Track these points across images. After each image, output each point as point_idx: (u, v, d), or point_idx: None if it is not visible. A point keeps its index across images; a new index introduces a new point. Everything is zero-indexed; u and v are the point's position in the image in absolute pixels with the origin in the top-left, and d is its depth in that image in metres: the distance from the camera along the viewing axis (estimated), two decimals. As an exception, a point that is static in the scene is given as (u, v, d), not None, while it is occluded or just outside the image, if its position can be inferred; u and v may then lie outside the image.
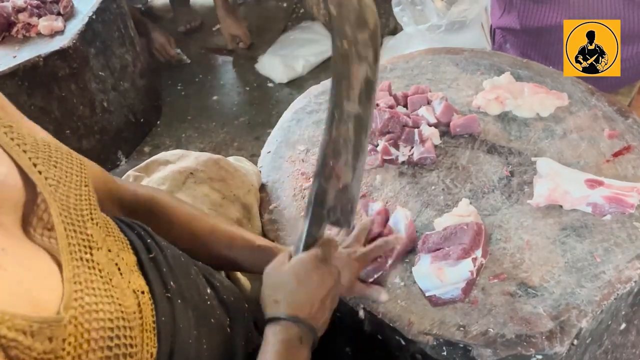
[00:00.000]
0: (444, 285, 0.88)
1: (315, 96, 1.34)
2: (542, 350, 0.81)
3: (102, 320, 0.52)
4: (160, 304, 0.63)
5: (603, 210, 0.96)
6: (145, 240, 0.72)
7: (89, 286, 0.53)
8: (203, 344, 0.69)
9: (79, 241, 0.57)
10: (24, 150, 0.57)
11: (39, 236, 0.56)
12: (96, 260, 0.57)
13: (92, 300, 0.52)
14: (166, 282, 0.67)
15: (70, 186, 0.60)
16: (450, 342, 0.84)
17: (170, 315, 0.64)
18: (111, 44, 2.07)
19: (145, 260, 0.68)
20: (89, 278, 0.54)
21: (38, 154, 0.58)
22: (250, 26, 2.78)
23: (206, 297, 0.75)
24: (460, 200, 1.02)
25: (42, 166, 0.58)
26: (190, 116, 2.44)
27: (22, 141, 0.58)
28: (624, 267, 0.89)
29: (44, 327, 0.46)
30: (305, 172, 1.15)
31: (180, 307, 0.67)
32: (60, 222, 0.55)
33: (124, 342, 0.54)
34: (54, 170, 0.59)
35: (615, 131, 1.11)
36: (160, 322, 0.62)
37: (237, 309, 0.81)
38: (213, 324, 0.73)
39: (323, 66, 2.54)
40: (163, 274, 0.69)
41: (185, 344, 0.65)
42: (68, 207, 0.58)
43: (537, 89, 1.21)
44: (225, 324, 0.76)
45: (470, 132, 1.16)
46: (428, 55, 1.41)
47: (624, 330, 0.98)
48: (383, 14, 2.55)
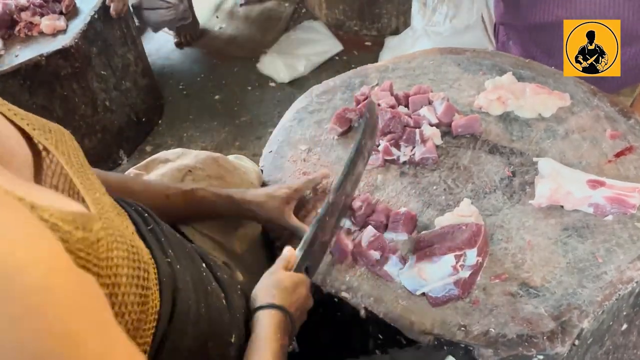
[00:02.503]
0: (428, 283, 0.88)
1: (317, 96, 1.34)
2: (544, 351, 0.81)
3: (124, 243, 0.56)
4: (161, 266, 0.66)
5: (605, 210, 0.96)
6: (142, 215, 0.76)
7: (105, 215, 0.57)
8: (202, 308, 0.72)
9: (88, 185, 0.61)
10: (22, 118, 0.62)
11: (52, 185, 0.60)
12: (103, 202, 0.61)
13: (111, 224, 0.56)
14: (165, 249, 0.71)
15: (66, 147, 0.64)
16: (452, 342, 0.84)
17: (171, 276, 0.67)
18: (113, 43, 2.07)
19: (144, 230, 0.72)
20: (105, 208, 0.59)
21: (35, 124, 0.63)
22: (252, 26, 2.78)
23: (202, 269, 0.79)
24: (462, 201, 1.02)
25: (40, 131, 0.62)
26: (192, 115, 2.44)
27: (18, 112, 0.63)
28: (625, 268, 0.89)
29: (79, 216, 0.49)
30: (307, 172, 1.15)
31: (180, 271, 0.70)
32: (69, 167, 0.60)
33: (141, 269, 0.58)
34: (50, 135, 0.64)
35: (617, 132, 1.11)
36: (162, 282, 0.64)
37: (232, 286, 0.84)
38: (210, 291, 0.76)
39: (325, 66, 2.54)
40: (162, 242, 0.72)
41: (185, 305, 0.67)
42: (70, 162, 0.62)
43: (539, 89, 1.20)
44: (220, 296, 0.79)
45: (472, 132, 1.16)
46: (430, 55, 1.41)
47: (626, 330, 0.98)
48: (385, 14, 2.55)
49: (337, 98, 1.31)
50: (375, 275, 0.94)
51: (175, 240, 0.78)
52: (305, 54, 2.52)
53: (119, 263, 0.53)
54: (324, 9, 2.69)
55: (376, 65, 1.41)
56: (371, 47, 2.60)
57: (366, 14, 2.59)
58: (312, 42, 2.59)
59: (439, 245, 0.91)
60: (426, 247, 0.93)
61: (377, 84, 1.31)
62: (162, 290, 0.64)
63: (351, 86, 1.33)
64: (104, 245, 0.52)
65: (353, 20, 2.63)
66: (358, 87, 1.31)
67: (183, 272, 0.71)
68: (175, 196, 0.92)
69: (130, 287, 0.55)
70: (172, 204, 0.92)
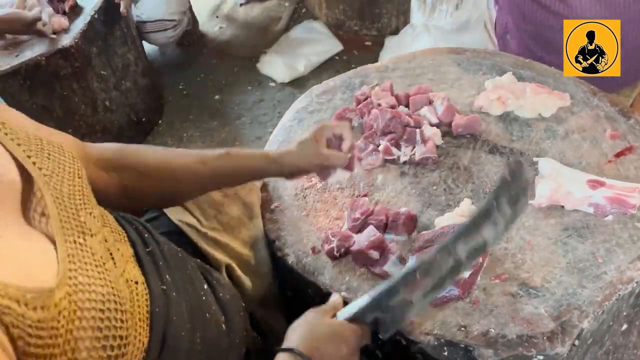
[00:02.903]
0: None
1: (317, 96, 1.33)
2: (544, 351, 0.81)
3: (94, 301, 0.54)
4: (155, 294, 0.65)
5: (605, 210, 0.96)
6: (142, 235, 0.74)
7: (83, 267, 0.56)
8: (197, 337, 0.70)
9: (73, 226, 0.59)
10: (18, 144, 0.60)
11: (37, 223, 0.58)
12: (89, 245, 0.59)
13: (85, 280, 0.55)
14: (162, 275, 0.69)
15: (63, 176, 0.63)
16: (452, 342, 0.84)
17: (164, 306, 0.66)
18: (113, 43, 2.07)
19: (141, 252, 0.70)
20: (83, 260, 0.57)
21: (31, 147, 0.61)
22: (252, 26, 2.78)
23: (202, 292, 0.77)
24: (462, 201, 1.02)
25: (36, 158, 0.61)
26: (192, 115, 2.44)
27: (16, 136, 0.61)
28: (625, 268, 0.89)
29: (37, 296, 0.48)
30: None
31: (175, 299, 0.68)
32: (54, 208, 0.58)
33: (114, 325, 0.56)
34: (47, 162, 0.62)
35: (617, 132, 1.11)
36: (154, 313, 0.63)
37: (234, 307, 0.82)
38: (208, 318, 0.74)
39: (325, 66, 2.54)
40: (159, 267, 0.71)
41: (178, 336, 0.66)
42: (62, 196, 0.60)
43: (539, 89, 1.20)
44: (220, 321, 0.77)
45: (472, 132, 1.15)
46: (430, 55, 1.41)
47: (626, 331, 0.98)
48: (385, 14, 2.55)
49: (337, 98, 1.31)
50: (375, 276, 0.94)
51: (175, 262, 0.76)
52: (305, 53, 2.52)
53: (81, 335, 0.52)
54: (324, 8, 2.69)
55: (376, 65, 1.41)
56: (371, 47, 2.60)
57: (366, 14, 2.59)
58: (312, 42, 2.59)
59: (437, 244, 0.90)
60: (426, 247, 0.93)
61: (377, 84, 1.31)
62: (152, 322, 0.63)
63: (351, 86, 1.33)
64: (64, 317, 0.50)
65: (353, 20, 2.63)
66: (358, 87, 1.31)
67: (178, 301, 0.69)
68: (212, 161, 0.90)
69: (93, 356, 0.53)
70: (210, 169, 0.90)
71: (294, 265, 0.99)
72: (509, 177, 0.82)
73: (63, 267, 0.53)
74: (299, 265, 0.99)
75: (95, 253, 0.59)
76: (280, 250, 1.02)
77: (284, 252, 1.02)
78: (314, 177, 1.12)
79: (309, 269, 0.98)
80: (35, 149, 0.62)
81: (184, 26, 2.48)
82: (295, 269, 0.99)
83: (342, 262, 0.98)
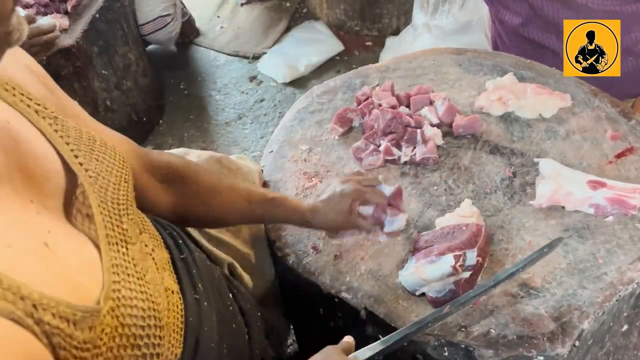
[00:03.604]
0: (428, 283, 0.88)
1: (318, 96, 1.34)
2: (544, 352, 0.81)
3: (135, 317, 0.53)
4: (189, 303, 0.64)
5: (605, 211, 0.96)
6: (177, 241, 0.74)
7: (126, 279, 0.54)
8: (224, 349, 0.69)
9: (116, 234, 0.58)
10: (67, 143, 0.60)
11: (79, 224, 0.57)
12: (131, 255, 0.58)
13: (128, 294, 0.53)
14: (195, 284, 0.69)
15: (109, 180, 0.62)
16: (452, 342, 0.84)
17: (197, 316, 0.65)
18: (114, 42, 2.07)
19: (177, 259, 0.69)
20: (126, 271, 0.55)
21: (80, 147, 0.60)
22: (253, 26, 2.78)
23: (228, 302, 0.77)
24: (463, 201, 1.02)
25: (83, 158, 0.60)
26: (192, 115, 2.44)
27: (66, 134, 0.60)
28: (626, 269, 0.89)
29: (86, 316, 0.47)
30: (308, 172, 1.15)
31: (206, 310, 0.68)
32: (98, 212, 0.57)
33: (152, 342, 0.54)
34: (94, 164, 0.61)
35: (618, 132, 1.11)
36: (188, 323, 0.62)
37: (254, 317, 0.83)
38: (234, 329, 0.74)
39: (326, 66, 2.54)
40: (192, 275, 0.70)
41: (208, 348, 0.65)
42: (106, 200, 0.60)
43: (539, 89, 1.20)
44: (244, 331, 0.77)
45: (473, 133, 1.15)
46: (431, 55, 1.41)
47: (626, 331, 0.98)
48: (386, 14, 2.55)
49: (338, 98, 1.31)
50: (375, 277, 0.94)
51: (205, 270, 0.76)
52: (306, 54, 2.52)
53: (121, 354, 0.51)
54: (324, 9, 2.69)
55: (377, 65, 1.41)
56: (372, 47, 2.60)
57: (367, 14, 2.58)
58: (313, 42, 2.59)
59: (439, 245, 0.91)
60: (426, 247, 0.93)
61: (378, 84, 1.31)
62: (186, 333, 0.62)
63: (352, 86, 1.33)
64: (107, 334, 0.49)
65: (354, 20, 2.63)
66: (359, 87, 1.31)
67: (209, 311, 0.69)
68: (257, 203, 0.92)
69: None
70: (252, 210, 0.92)
71: (294, 265, 0.99)
72: (546, 249, 0.86)
73: (107, 278, 0.52)
74: (299, 265, 0.99)
75: (137, 264, 0.58)
76: (281, 250, 1.02)
77: (284, 252, 1.02)
78: (315, 177, 1.13)
79: (310, 269, 0.98)
80: (84, 149, 0.61)
81: (180, 18, 2.48)
82: (296, 269, 0.99)
83: (342, 262, 0.98)
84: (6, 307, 0.40)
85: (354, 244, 1.00)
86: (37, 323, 0.42)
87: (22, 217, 0.50)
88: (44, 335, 0.42)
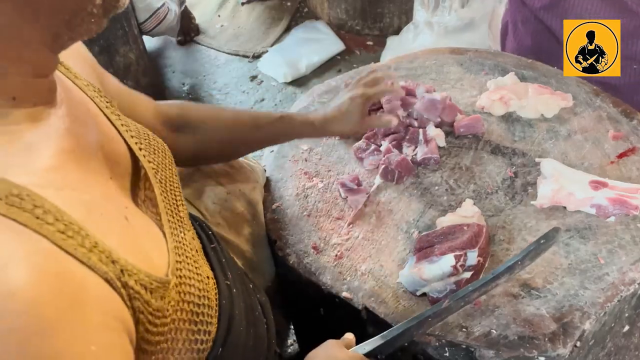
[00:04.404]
0: (428, 283, 0.88)
1: (319, 95, 1.33)
2: (545, 352, 0.80)
3: (193, 295, 0.58)
4: (222, 289, 0.68)
5: (607, 211, 0.96)
6: (206, 232, 0.79)
7: (185, 260, 0.59)
8: (250, 334, 0.73)
9: (175, 221, 0.63)
10: (132, 136, 0.64)
11: (144, 208, 0.61)
12: (187, 241, 0.63)
13: (187, 274, 0.58)
14: (225, 272, 0.73)
15: (165, 172, 0.67)
16: (453, 343, 0.83)
17: (229, 300, 0.69)
18: (114, 42, 2.07)
19: (208, 248, 0.74)
20: (184, 254, 0.60)
21: (142, 142, 0.65)
22: (253, 25, 2.78)
23: (249, 292, 0.80)
24: (464, 201, 1.01)
25: (146, 151, 0.65)
26: (193, 115, 2.44)
27: (129, 128, 0.65)
28: (627, 269, 0.89)
29: (160, 286, 0.51)
30: (308, 172, 1.14)
31: (236, 296, 0.72)
32: (161, 200, 0.62)
33: (206, 320, 0.59)
34: (154, 156, 0.66)
35: (619, 132, 1.11)
36: (222, 306, 0.66)
37: (268, 311, 0.85)
38: (257, 316, 0.77)
39: (326, 65, 2.53)
40: (222, 263, 0.74)
41: (238, 331, 0.69)
42: (166, 190, 0.64)
43: (541, 89, 1.20)
44: (263, 321, 0.80)
45: (474, 133, 1.15)
46: (432, 55, 1.40)
47: (627, 332, 0.98)
48: (387, 13, 2.55)
49: (339, 98, 1.31)
50: (375, 277, 0.94)
51: (231, 261, 0.81)
52: (307, 53, 2.52)
53: (181, 327, 0.55)
54: (325, 8, 2.68)
55: (378, 65, 1.41)
56: (373, 47, 2.60)
57: (368, 14, 2.58)
58: (314, 41, 2.59)
59: (440, 245, 0.90)
60: (427, 247, 0.92)
61: (379, 83, 1.31)
62: (220, 314, 0.65)
63: (353, 86, 1.33)
64: (172, 307, 0.53)
65: (355, 19, 2.63)
66: (360, 87, 1.31)
67: (238, 297, 0.73)
68: (268, 125, 0.96)
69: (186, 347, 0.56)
70: (262, 132, 0.97)
71: (295, 265, 0.99)
72: (543, 239, 0.85)
73: (172, 257, 0.57)
74: (300, 265, 0.99)
75: (192, 249, 0.63)
76: (282, 250, 1.02)
77: (285, 252, 1.02)
78: (316, 177, 1.13)
79: (310, 268, 0.98)
80: (145, 143, 0.66)
81: (176, 7, 2.48)
82: (297, 268, 0.99)
83: (343, 262, 0.98)
84: (102, 268, 0.44)
85: (354, 244, 1.00)
86: (124, 286, 0.46)
87: (107, 191, 0.54)
88: (128, 298, 0.46)
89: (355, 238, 1.01)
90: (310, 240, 1.02)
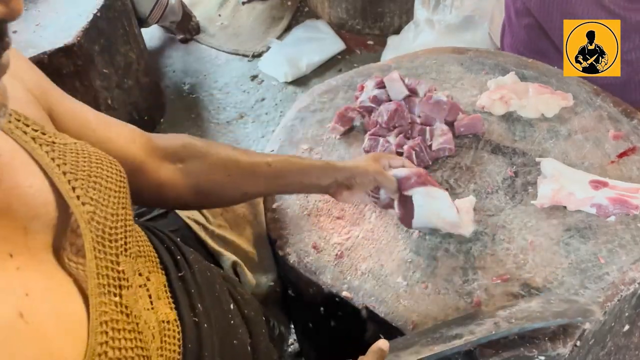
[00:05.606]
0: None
1: (319, 95, 1.33)
2: (545, 352, 0.80)
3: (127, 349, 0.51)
4: (187, 330, 0.62)
5: (607, 211, 0.96)
6: (175, 257, 0.71)
7: (115, 337, 0.51)
8: None
9: (110, 280, 0.54)
10: (64, 172, 0.55)
11: (68, 262, 0.53)
12: (125, 303, 0.54)
13: (115, 354, 0.50)
14: (194, 305, 0.66)
15: (107, 211, 0.57)
16: (453, 342, 0.83)
17: (197, 341, 0.63)
18: (115, 41, 2.07)
19: (174, 280, 0.67)
20: (117, 327, 0.52)
21: (77, 175, 0.56)
22: (254, 24, 2.78)
23: (230, 315, 0.75)
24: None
25: (81, 189, 0.55)
26: (193, 114, 2.44)
27: (63, 160, 0.56)
28: (627, 269, 0.89)
29: None
30: (309, 171, 1.14)
31: (207, 333, 0.66)
32: (92, 257, 0.53)
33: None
34: (92, 193, 0.56)
35: (620, 132, 1.11)
36: (187, 350, 0.60)
37: (258, 324, 0.81)
38: (236, 345, 0.72)
39: (327, 65, 2.53)
40: (191, 295, 0.68)
41: None
42: (103, 239, 0.55)
43: (542, 89, 1.20)
44: (246, 343, 0.75)
45: (475, 132, 1.15)
46: (432, 54, 1.40)
47: (627, 332, 0.98)
48: (388, 13, 2.55)
49: (339, 97, 1.31)
50: (376, 276, 0.94)
51: (206, 284, 0.73)
52: (308, 52, 2.52)
53: None
54: (326, 7, 2.68)
55: (379, 64, 1.41)
56: (374, 46, 2.60)
57: (369, 13, 2.58)
58: (315, 41, 2.59)
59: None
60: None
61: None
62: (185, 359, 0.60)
63: (353, 85, 1.33)
64: None
65: (356, 19, 2.63)
66: (360, 87, 1.31)
67: (209, 333, 0.67)
68: (277, 163, 0.91)
69: None
70: (272, 171, 0.90)
71: (295, 265, 0.99)
72: None
73: (93, 341, 0.49)
74: (300, 265, 0.99)
75: (131, 312, 0.54)
76: (282, 249, 1.02)
77: (285, 251, 1.02)
78: None
79: (311, 268, 0.98)
80: (82, 177, 0.56)
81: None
82: (297, 268, 0.99)
83: (343, 262, 0.98)
84: None
85: (354, 244, 1.00)
86: None
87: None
88: None
89: (355, 237, 1.01)
90: (311, 240, 1.02)
